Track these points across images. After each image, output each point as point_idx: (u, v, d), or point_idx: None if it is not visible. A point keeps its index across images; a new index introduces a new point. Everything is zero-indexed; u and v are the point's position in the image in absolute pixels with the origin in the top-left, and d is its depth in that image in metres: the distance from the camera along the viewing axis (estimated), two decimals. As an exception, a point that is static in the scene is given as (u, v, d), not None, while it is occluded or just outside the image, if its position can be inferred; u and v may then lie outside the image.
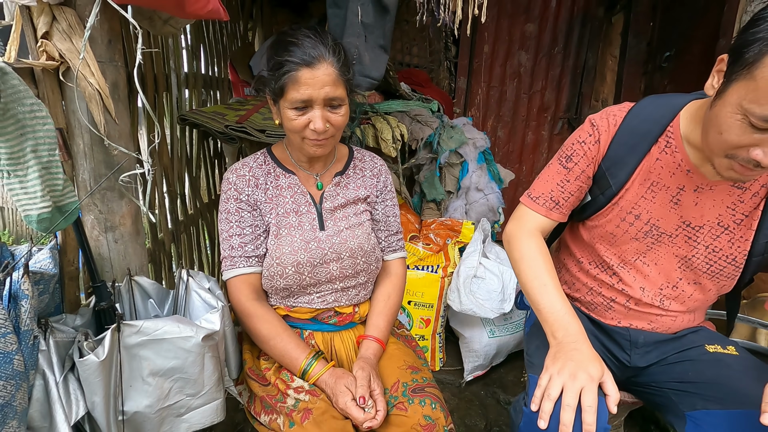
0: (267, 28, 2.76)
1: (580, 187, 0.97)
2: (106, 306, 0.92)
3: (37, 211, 0.77)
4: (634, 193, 0.93)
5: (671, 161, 0.89)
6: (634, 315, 1.01)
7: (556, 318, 0.87)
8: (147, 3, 0.84)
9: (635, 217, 0.94)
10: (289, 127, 0.95)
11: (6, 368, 0.67)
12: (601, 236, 0.99)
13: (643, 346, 1.02)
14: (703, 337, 1.01)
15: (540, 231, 1.00)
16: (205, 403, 0.95)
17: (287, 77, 0.89)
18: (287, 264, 1.00)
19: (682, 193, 0.90)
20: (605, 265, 1.01)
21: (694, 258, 0.92)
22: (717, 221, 0.89)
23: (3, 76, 0.71)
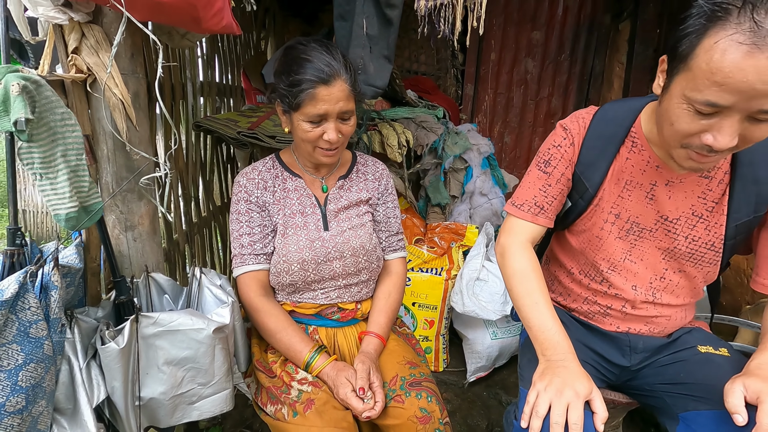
0: (279, 37, 2.85)
1: (561, 191, 0.99)
2: (126, 299, 0.99)
3: (66, 210, 0.84)
4: (610, 192, 0.97)
5: (640, 159, 0.93)
6: (631, 319, 1.03)
7: (546, 337, 0.88)
8: (166, 20, 0.92)
9: (615, 216, 0.97)
10: (304, 137, 1.02)
11: (37, 352, 0.74)
12: (589, 241, 1.01)
13: (642, 351, 1.04)
14: (696, 339, 1.03)
15: (530, 241, 1.01)
16: (215, 393, 1.02)
17: (305, 94, 0.95)
18: (293, 261, 1.06)
19: (655, 189, 0.93)
20: (596, 272, 1.02)
21: (676, 249, 0.95)
22: (691, 211, 0.93)
23: (38, 88, 0.79)
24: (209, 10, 0.93)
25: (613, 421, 1.38)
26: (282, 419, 0.99)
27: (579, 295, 1.07)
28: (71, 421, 0.83)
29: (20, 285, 0.72)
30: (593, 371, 1.04)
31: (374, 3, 1.29)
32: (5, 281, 0.72)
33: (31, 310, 0.73)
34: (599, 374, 1.07)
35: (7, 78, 0.75)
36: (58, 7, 0.82)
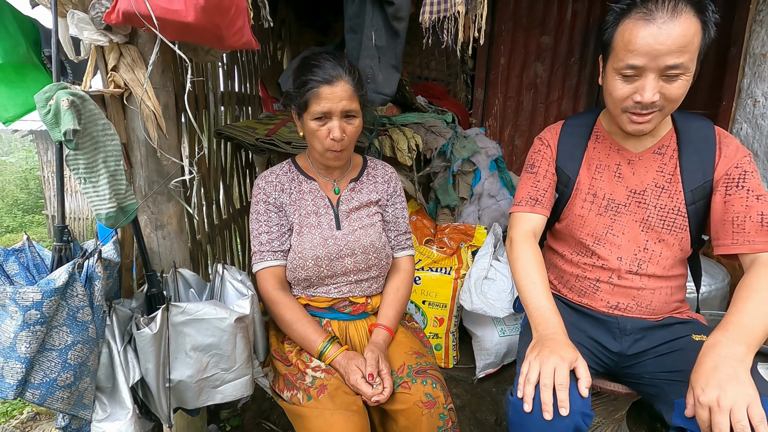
0: (294, 47, 2.97)
1: (550, 184, 1.18)
2: (156, 292, 1.09)
3: (106, 210, 0.95)
4: (585, 175, 1.15)
5: (604, 146, 1.14)
6: (619, 292, 1.12)
7: (540, 313, 0.99)
8: (194, 39, 1.02)
9: (593, 195, 1.14)
10: (313, 137, 1.12)
11: (83, 334, 0.84)
12: (572, 222, 1.16)
13: (631, 333, 1.11)
14: (691, 328, 1.09)
15: (532, 232, 1.15)
16: (236, 378, 1.10)
17: (310, 93, 1.07)
18: (308, 258, 1.14)
19: (621, 168, 1.12)
20: (583, 248, 1.16)
21: (650, 218, 1.09)
22: (654, 183, 1.09)
23: (83, 102, 0.89)
24: (231, 29, 1.03)
25: (616, 414, 1.42)
26: (297, 403, 1.07)
27: (572, 273, 1.19)
28: (110, 398, 0.93)
29: (69, 275, 0.82)
30: (588, 355, 1.11)
31: (382, 17, 1.38)
32: (57, 272, 0.83)
33: (79, 297, 0.84)
34: (595, 358, 1.13)
35: (58, 94, 0.86)
36: (101, 31, 0.93)
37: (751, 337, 0.83)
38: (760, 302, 0.88)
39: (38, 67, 1.31)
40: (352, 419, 1.00)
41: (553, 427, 0.85)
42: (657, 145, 1.09)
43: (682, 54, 0.90)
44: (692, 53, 0.91)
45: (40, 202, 9.20)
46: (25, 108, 1.31)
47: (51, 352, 0.81)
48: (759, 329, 0.84)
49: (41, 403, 0.79)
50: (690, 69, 0.92)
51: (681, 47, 0.89)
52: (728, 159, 1.03)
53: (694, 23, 0.89)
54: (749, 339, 0.83)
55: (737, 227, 0.99)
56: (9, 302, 0.76)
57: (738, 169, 1.02)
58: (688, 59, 0.91)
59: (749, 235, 0.97)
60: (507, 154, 3.38)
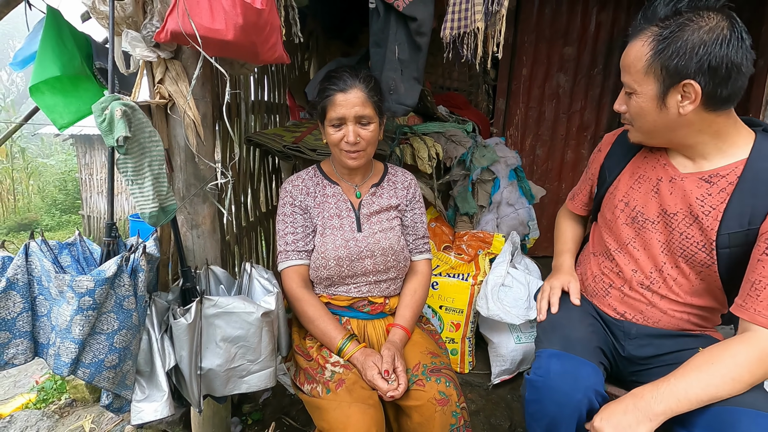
0: (321, 58, 3.08)
1: (589, 186, 1.30)
2: (190, 286, 1.18)
3: (149, 209, 1.04)
4: (625, 183, 1.13)
5: (654, 157, 1.09)
6: (628, 302, 1.13)
7: (558, 255, 1.35)
8: (231, 54, 1.11)
9: (625, 204, 1.12)
10: (329, 141, 1.22)
11: (128, 321, 0.93)
12: (605, 223, 1.19)
13: (636, 338, 1.12)
14: (701, 342, 1.07)
15: (569, 215, 1.42)
16: (261, 369, 1.18)
17: (327, 100, 1.18)
18: (330, 258, 1.21)
19: (660, 184, 1.05)
20: (606, 251, 1.18)
21: (672, 242, 1.04)
22: (689, 210, 1.00)
23: (133, 112, 0.99)
24: (265, 45, 1.12)
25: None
26: (317, 396, 1.13)
27: (593, 272, 1.23)
28: (149, 381, 1.01)
29: (118, 266, 0.91)
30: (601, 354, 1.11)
31: (405, 32, 1.45)
32: (107, 264, 0.92)
33: (125, 287, 0.93)
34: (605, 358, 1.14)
35: (113, 105, 0.96)
36: (151, 48, 1.03)
37: (675, 403, 0.84)
38: (708, 375, 0.85)
39: (90, 78, 1.45)
40: (368, 412, 1.06)
41: (566, 402, 0.93)
42: (709, 173, 0.98)
43: (625, 73, 0.96)
44: (634, 75, 0.94)
45: (77, 203, 9.67)
46: (78, 115, 1.44)
47: (100, 335, 0.90)
48: (689, 399, 0.84)
49: (90, 380, 0.88)
50: (635, 89, 0.95)
51: (625, 66, 0.96)
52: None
53: (639, 45, 0.92)
54: (673, 405, 0.84)
55: (754, 292, 0.90)
56: (67, 289, 0.86)
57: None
58: (630, 80, 0.95)
59: (760, 305, 0.88)
60: (528, 163, 3.40)
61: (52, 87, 1.36)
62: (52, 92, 1.35)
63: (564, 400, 0.96)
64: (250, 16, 1.00)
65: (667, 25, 0.89)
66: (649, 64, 0.90)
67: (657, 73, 0.90)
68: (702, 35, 0.85)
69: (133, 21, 1.04)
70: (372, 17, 1.52)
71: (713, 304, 1.08)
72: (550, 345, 1.06)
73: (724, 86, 0.87)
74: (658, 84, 0.91)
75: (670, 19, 0.89)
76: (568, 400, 0.95)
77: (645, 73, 0.92)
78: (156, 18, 1.03)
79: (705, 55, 0.85)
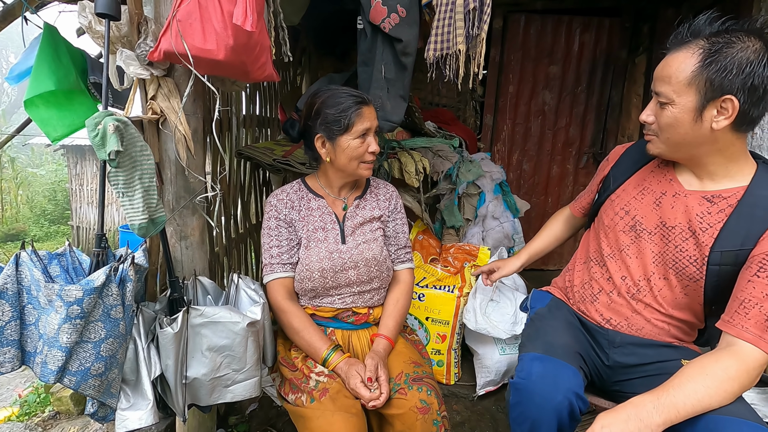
0: (313, 73, 3.15)
1: (591, 191, 1.35)
2: (178, 296, 1.21)
3: (139, 221, 1.07)
4: (628, 193, 1.17)
5: (661, 172, 1.13)
6: (614, 308, 1.17)
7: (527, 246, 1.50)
8: (223, 73, 1.16)
9: (625, 212, 1.16)
10: (353, 155, 1.24)
11: (115, 329, 0.96)
12: (601, 228, 1.22)
13: (620, 346, 1.15)
14: (682, 353, 1.12)
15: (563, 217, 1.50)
16: (246, 379, 1.20)
17: (355, 113, 1.21)
18: (314, 270, 1.25)
19: (663, 197, 1.10)
20: (599, 255, 1.22)
21: (665, 254, 1.08)
22: (687, 225, 1.05)
23: (126, 127, 1.03)
24: (255, 64, 1.17)
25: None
26: (301, 405, 1.15)
27: (582, 279, 1.27)
28: (134, 390, 1.03)
29: (107, 276, 0.94)
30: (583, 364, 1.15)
31: (392, 52, 1.51)
32: (95, 273, 0.95)
33: (113, 296, 0.95)
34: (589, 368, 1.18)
35: (106, 120, 1.00)
36: (144, 66, 1.08)
37: (675, 414, 0.87)
38: (703, 387, 0.88)
39: (84, 93, 1.48)
40: (350, 421, 1.08)
41: (547, 404, 0.96)
42: (712, 193, 1.03)
43: (664, 83, 0.97)
44: (674, 85, 0.94)
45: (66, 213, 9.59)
46: (71, 129, 1.47)
47: (87, 344, 0.92)
48: (686, 410, 0.87)
49: (76, 388, 0.90)
50: (673, 100, 0.95)
51: (665, 76, 0.96)
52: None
53: (686, 56, 0.93)
54: (672, 415, 0.87)
55: (742, 309, 0.93)
56: (55, 298, 0.88)
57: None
58: (669, 90, 0.95)
59: (747, 322, 0.92)
60: (515, 178, 3.47)
61: (46, 101, 1.39)
62: (47, 106, 1.38)
63: (544, 402, 0.99)
64: (241, 38, 1.05)
65: (716, 41, 0.91)
66: (695, 76, 0.92)
67: (700, 85, 0.92)
68: (749, 54, 0.88)
69: (128, 40, 1.08)
70: (360, 38, 1.58)
71: (692, 319, 1.13)
72: (533, 349, 1.10)
73: (756, 107, 0.91)
74: (699, 96, 0.93)
75: (718, 35, 0.92)
76: (548, 402, 0.98)
77: (688, 84, 0.93)
78: (150, 38, 1.07)
79: (751, 73, 0.88)
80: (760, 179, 1.00)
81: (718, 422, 0.88)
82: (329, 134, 1.24)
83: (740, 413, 0.88)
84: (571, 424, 1.02)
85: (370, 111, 1.24)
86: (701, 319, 1.14)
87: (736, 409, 0.89)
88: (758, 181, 1.00)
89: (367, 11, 1.47)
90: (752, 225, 0.96)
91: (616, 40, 3.16)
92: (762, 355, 0.90)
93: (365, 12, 1.49)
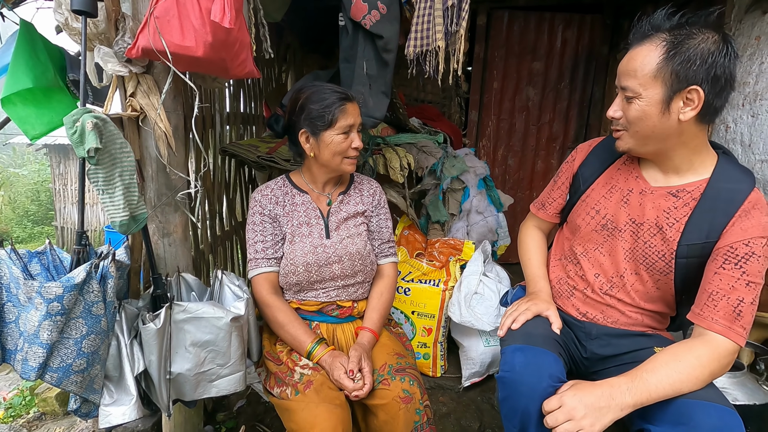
0: (298, 70, 3.15)
1: (561, 195, 1.31)
2: (161, 293, 1.21)
3: (120, 218, 1.07)
4: (598, 192, 1.19)
5: (627, 169, 1.15)
6: (590, 303, 1.20)
7: (533, 279, 1.29)
8: (202, 70, 1.16)
9: (596, 212, 1.18)
10: (337, 150, 1.26)
11: (96, 326, 0.96)
12: (573, 229, 1.24)
13: (596, 338, 1.19)
14: (654, 341, 1.16)
15: (537, 227, 1.40)
16: (230, 373, 1.21)
17: (338, 109, 1.23)
18: (299, 264, 1.26)
19: (631, 195, 1.12)
20: (572, 255, 1.24)
21: (635, 249, 1.11)
22: (655, 222, 1.08)
23: (104, 124, 1.03)
24: (235, 61, 1.17)
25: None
26: (286, 398, 1.17)
27: (559, 277, 1.29)
28: (117, 386, 1.04)
29: (87, 273, 0.94)
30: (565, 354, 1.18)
31: (373, 48, 1.53)
32: (76, 270, 0.95)
33: (94, 293, 0.96)
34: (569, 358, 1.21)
35: (84, 117, 1.00)
36: (122, 63, 1.08)
37: (646, 396, 0.90)
38: (676, 372, 0.92)
39: (63, 90, 1.47)
40: (334, 412, 1.10)
41: (533, 393, 0.99)
42: (677, 188, 1.06)
43: (629, 77, 0.97)
44: (640, 78, 0.95)
45: (50, 214, 9.43)
46: (50, 126, 1.46)
47: (68, 340, 0.92)
48: (657, 393, 0.91)
49: (58, 384, 0.90)
50: (639, 93, 0.96)
51: (630, 70, 0.97)
52: (741, 232, 0.97)
53: (649, 49, 0.94)
54: (643, 397, 0.90)
55: (711, 302, 0.97)
56: (35, 295, 0.88)
57: (747, 247, 0.96)
58: (635, 84, 0.96)
59: (717, 314, 0.95)
60: (501, 173, 3.52)
61: (24, 98, 1.37)
62: (24, 104, 1.37)
63: (531, 392, 1.00)
64: (219, 34, 1.06)
65: (678, 34, 0.93)
66: (660, 68, 0.93)
67: (666, 77, 0.93)
68: (710, 45, 0.91)
69: (106, 37, 1.08)
70: (342, 34, 1.59)
71: (664, 309, 1.17)
72: (513, 341, 1.12)
73: (719, 97, 0.94)
74: (665, 89, 0.94)
75: (680, 29, 0.94)
76: (534, 390, 1.00)
77: (653, 77, 0.94)
78: (128, 35, 1.07)
79: (713, 63, 0.90)
80: (720, 171, 1.03)
81: (689, 406, 0.92)
82: (313, 129, 1.25)
83: (709, 397, 0.92)
84: None
85: (353, 107, 1.25)
86: (673, 308, 1.19)
87: (706, 394, 0.93)
88: (719, 174, 1.03)
89: (348, 8, 1.48)
90: (715, 217, 1.00)
91: (598, 37, 3.21)
92: (732, 345, 0.94)
93: (346, 9, 1.50)
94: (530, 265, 1.32)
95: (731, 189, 1.01)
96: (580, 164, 1.25)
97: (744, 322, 0.94)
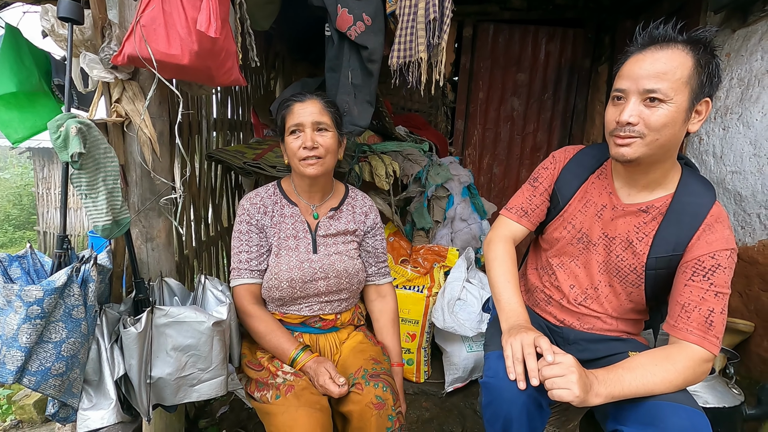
0: (287, 78, 3.18)
1: (543, 202, 1.25)
2: (143, 297, 1.21)
3: (102, 222, 1.08)
4: (574, 207, 1.21)
5: (601, 185, 1.18)
6: (566, 312, 1.24)
7: (511, 308, 1.13)
8: (188, 78, 1.18)
9: (572, 226, 1.21)
10: (289, 152, 1.26)
11: (76, 329, 0.96)
12: (550, 243, 1.26)
13: (574, 343, 1.23)
14: (629, 346, 1.20)
15: (512, 237, 1.27)
16: (212, 378, 1.21)
17: (285, 110, 1.25)
18: (283, 279, 1.25)
19: (604, 210, 1.15)
20: (549, 267, 1.27)
21: (609, 263, 1.16)
22: (626, 236, 1.12)
23: (89, 129, 1.04)
24: (221, 69, 1.20)
25: (569, 424, 1.53)
26: (267, 401, 1.17)
27: (536, 286, 1.32)
28: (96, 390, 1.04)
29: (68, 277, 0.95)
30: None
31: (358, 58, 1.56)
32: (57, 274, 0.95)
33: (75, 296, 0.96)
34: None
35: (68, 122, 1.01)
36: (108, 70, 1.09)
37: (619, 390, 0.94)
38: (650, 374, 0.96)
39: (47, 95, 1.47)
40: (314, 416, 1.10)
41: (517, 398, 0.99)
42: (646, 204, 1.09)
43: (661, 80, 0.91)
44: (673, 83, 0.92)
45: (33, 218, 9.25)
46: (33, 131, 1.46)
47: (47, 344, 0.92)
48: (630, 390, 0.95)
49: (36, 388, 0.90)
50: (671, 98, 0.92)
51: (660, 73, 0.91)
52: (706, 246, 1.01)
53: (681, 56, 0.92)
54: (616, 391, 0.94)
55: (684, 314, 1.00)
56: (14, 298, 0.88)
57: (713, 260, 0.99)
58: (668, 87, 0.92)
59: (691, 324, 0.99)
60: (486, 181, 3.57)
61: (7, 102, 1.38)
62: (8, 108, 1.37)
63: (514, 397, 1.01)
64: (205, 43, 1.08)
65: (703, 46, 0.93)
66: (690, 76, 0.92)
67: (693, 85, 0.92)
68: (717, 60, 0.94)
69: (92, 44, 1.09)
70: (327, 44, 1.63)
71: (638, 317, 1.22)
72: (497, 347, 1.13)
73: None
74: (690, 97, 0.93)
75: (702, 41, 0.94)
76: (517, 396, 1.01)
77: (685, 83, 0.92)
78: (114, 42, 1.09)
79: (720, 79, 0.94)
80: (684, 185, 1.07)
81: (659, 407, 0.96)
82: (281, 137, 1.30)
83: (679, 399, 0.96)
84: (542, 415, 1.06)
85: (302, 107, 1.23)
86: (646, 314, 1.24)
87: (676, 396, 0.97)
88: (683, 188, 1.07)
89: (334, 19, 1.52)
90: (680, 231, 1.04)
91: (580, 50, 3.30)
92: (706, 353, 0.98)
93: (332, 20, 1.53)
94: (506, 291, 1.17)
95: (694, 203, 1.04)
96: (558, 175, 1.24)
97: (716, 331, 0.98)
